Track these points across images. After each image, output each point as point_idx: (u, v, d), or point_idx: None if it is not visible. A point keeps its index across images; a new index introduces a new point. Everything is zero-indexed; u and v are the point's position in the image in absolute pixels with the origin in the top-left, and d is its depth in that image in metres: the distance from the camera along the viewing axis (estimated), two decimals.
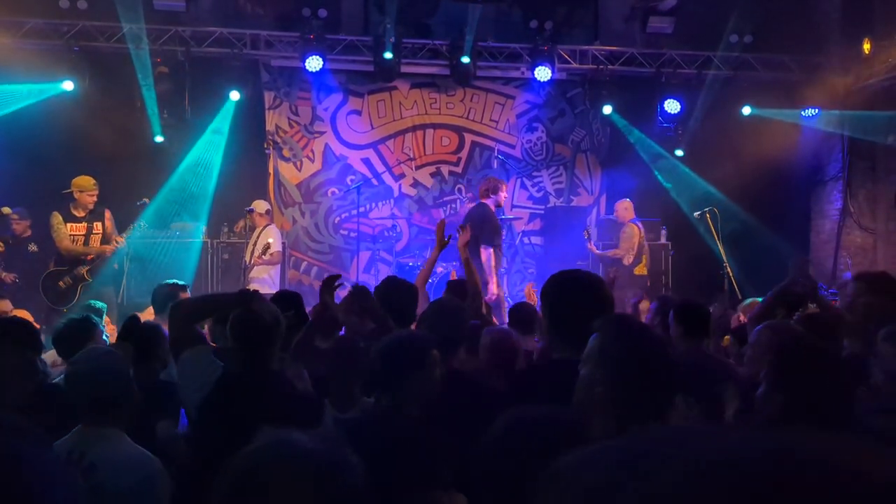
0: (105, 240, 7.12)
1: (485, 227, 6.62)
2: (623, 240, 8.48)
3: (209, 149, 8.95)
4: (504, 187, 7.24)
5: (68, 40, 8.33)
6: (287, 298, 3.44)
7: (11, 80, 8.04)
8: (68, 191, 7.06)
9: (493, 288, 6.48)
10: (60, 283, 7.00)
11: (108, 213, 7.20)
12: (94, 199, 7.08)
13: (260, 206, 8.13)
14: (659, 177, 9.66)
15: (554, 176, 10.19)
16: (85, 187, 7.03)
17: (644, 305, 5.88)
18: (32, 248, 7.42)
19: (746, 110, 9.43)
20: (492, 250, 6.59)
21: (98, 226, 7.10)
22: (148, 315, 5.09)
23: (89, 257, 7.07)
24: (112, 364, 2.56)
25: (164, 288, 5.03)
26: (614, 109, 9.60)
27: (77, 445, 2.38)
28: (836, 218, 9.67)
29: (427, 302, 4.59)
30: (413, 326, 3.76)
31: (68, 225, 7.03)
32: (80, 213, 7.07)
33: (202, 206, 8.75)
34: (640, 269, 8.49)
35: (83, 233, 7.04)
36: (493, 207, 6.92)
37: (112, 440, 2.43)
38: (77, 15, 8.27)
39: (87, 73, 8.38)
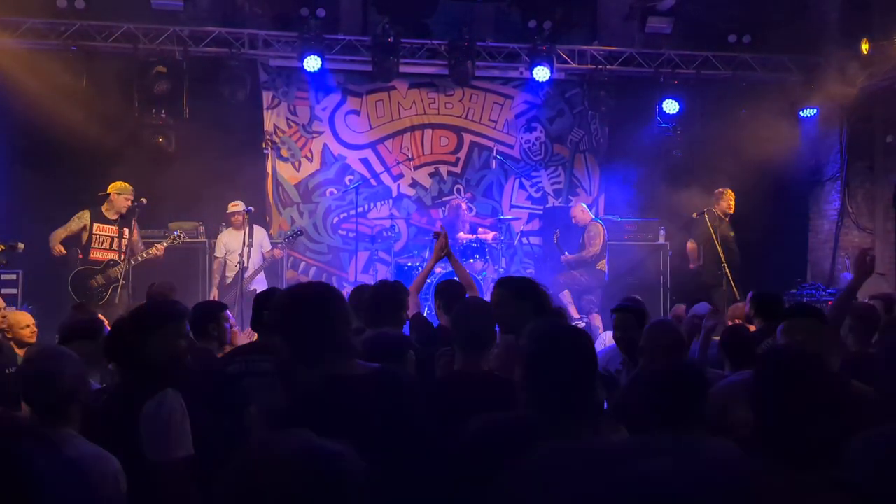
0: (130, 249, 7.39)
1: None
2: (593, 236, 8.64)
3: (207, 149, 8.92)
4: (727, 195, 8.65)
5: (66, 40, 8.29)
6: None
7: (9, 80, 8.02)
8: (104, 193, 7.38)
9: None
10: (92, 282, 7.26)
11: (135, 223, 7.50)
12: (129, 203, 7.36)
13: (232, 205, 8.23)
14: None
15: (552, 176, 10.19)
16: (122, 190, 7.39)
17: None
18: None
19: (744, 112, 9.43)
20: None
21: (127, 231, 7.38)
22: None
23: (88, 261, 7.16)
24: (66, 363, 2.49)
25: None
26: (613, 110, 9.60)
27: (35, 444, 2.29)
28: (835, 218, 9.69)
29: (417, 308, 4.64)
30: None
31: (96, 225, 7.32)
32: (112, 216, 7.38)
33: (200, 206, 8.71)
34: (602, 265, 8.68)
35: (114, 234, 7.35)
36: (720, 213, 8.55)
37: (71, 439, 2.38)
38: (75, 14, 8.24)
39: (84, 73, 8.34)
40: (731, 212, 8.73)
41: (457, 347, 3.02)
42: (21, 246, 7.01)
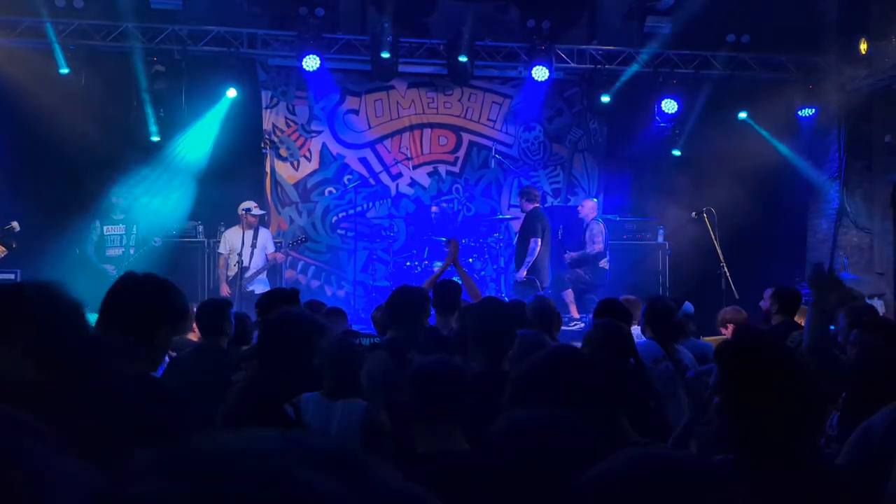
0: (139, 241, 8.01)
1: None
2: (595, 234, 8.59)
3: (206, 148, 8.93)
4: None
5: (65, 39, 8.29)
6: None
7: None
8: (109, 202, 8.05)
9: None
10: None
11: None
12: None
13: (254, 206, 8.17)
14: None
15: (551, 176, 10.19)
16: (118, 192, 8.02)
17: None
18: None
19: (743, 114, 9.44)
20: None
21: (134, 227, 8.02)
22: None
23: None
24: None
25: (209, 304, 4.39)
26: (611, 109, 9.59)
27: None
28: (833, 217, 9.69)
29: None
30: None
31: (106, 227, 7.90)
32: (118, 215, 8.02)
33: (198, 205, 8.71)
34: (604, 263, 8.62)
35: (122, 232, 7.91)
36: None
37: None
38: (73, 14, 8.24)
39: (83, 72, 8.34)
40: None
41: (477, 349, 3.02)
42: (15, 225, 7.07)
